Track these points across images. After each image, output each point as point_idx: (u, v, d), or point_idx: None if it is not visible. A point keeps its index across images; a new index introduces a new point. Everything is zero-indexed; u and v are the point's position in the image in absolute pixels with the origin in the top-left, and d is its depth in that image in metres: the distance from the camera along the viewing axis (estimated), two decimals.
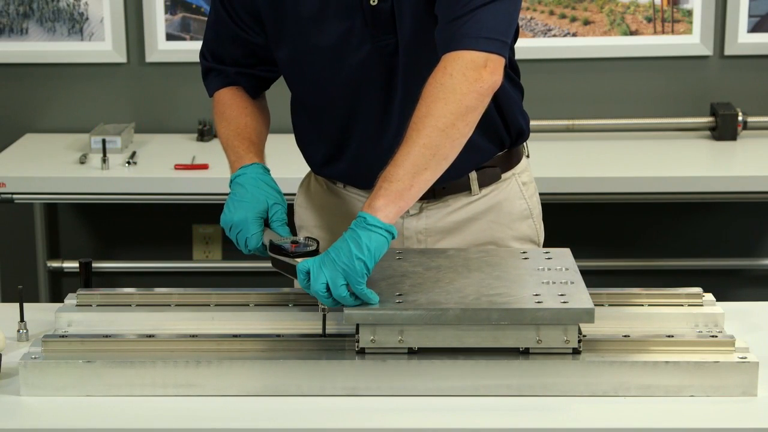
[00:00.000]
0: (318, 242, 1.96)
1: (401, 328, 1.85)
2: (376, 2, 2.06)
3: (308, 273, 1.87)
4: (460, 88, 1.93)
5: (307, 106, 2.24)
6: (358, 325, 1.86)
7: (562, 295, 1.89)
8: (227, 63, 2.23)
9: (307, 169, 2.35)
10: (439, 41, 2.00)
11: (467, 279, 1.97)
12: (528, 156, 2.38)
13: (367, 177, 2.10)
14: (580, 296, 1.90)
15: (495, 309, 1.85)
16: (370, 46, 2.09)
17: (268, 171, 2.13)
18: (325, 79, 2.15)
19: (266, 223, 2.06)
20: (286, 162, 2.59)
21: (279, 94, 2.38)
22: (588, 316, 1.85)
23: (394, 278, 1.97)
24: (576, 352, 1.86)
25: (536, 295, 1.89)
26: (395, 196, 1.89)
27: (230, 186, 2.11)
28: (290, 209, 2.32)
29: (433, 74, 1.96)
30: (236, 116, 2.21)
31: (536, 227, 2.32)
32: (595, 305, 2.03)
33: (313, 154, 2.28)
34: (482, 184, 2.25)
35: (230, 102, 2.23)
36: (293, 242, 1.96)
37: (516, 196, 2.30)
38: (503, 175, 2.28)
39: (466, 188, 2.24)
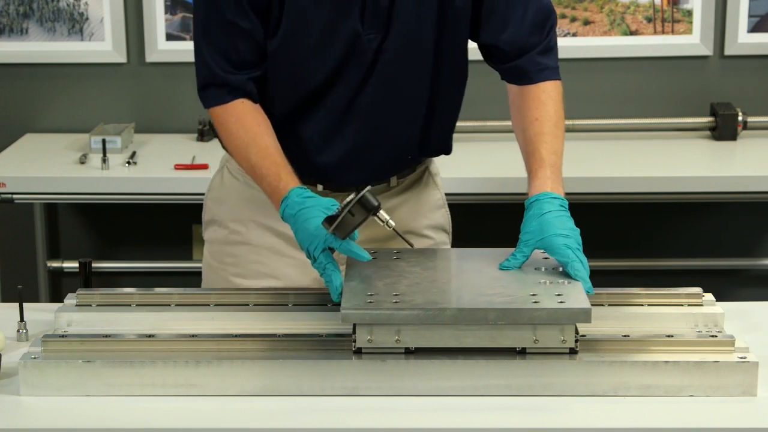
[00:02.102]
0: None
1: (398, 328, 1.85)
2: None
3: None
4: (563, 113, 2.29)
5: (273, 91, 2.20)
6: (355, 325, 1.86)
7: (559, 294, 1.89)
8: (240, 67, 2.16)
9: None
10: (520, 70, 2.23)
11: (464, 279, 1.97)
12: None
13: (308, 169, 2.18)
14: (577, 296, 1.90)
15: (492, 309, 1.85)
16: (357, 36, 2.11)
17: (305, 187, 2.08)
18: (307, 66, 2.15)
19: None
20: None
21: None
22: (585, 315, 1.85)
23: (392, 278, 1.97)
24: (573, 352, 1.86)
25: (533, 294, 1.89)
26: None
27: (285, 220, 2.05)
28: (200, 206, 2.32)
29: (539, 104, 2.25)
30: (254, 137, 2.14)
31: (448, 216, 2.41)
32: (595, 305, 2.04)
33: None
34: (399, 176, 2.31)
35: (243, 120, 2.16)
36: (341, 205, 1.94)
37: (431, 187, 2.37)
38: (418, 167, 2.34)
39: (384, 180, 2.29)
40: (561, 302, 1.87)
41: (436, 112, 2.23)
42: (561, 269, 2.00)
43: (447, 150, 2.34)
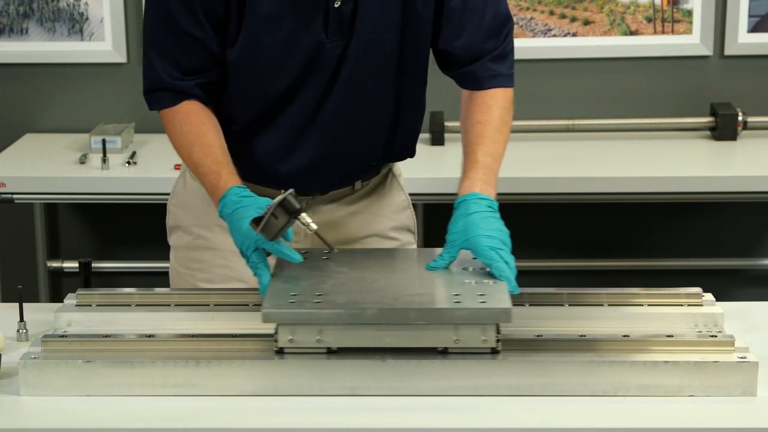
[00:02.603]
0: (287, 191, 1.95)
1: (320, 328, 1.85)
2: (338, 4, 2.09)
3: None
4: (509, 121, 2.23)
5: (235, 99, 2.20)
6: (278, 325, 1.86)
7: (482, 294, 1.89)
8: (189, 73, 2.15)
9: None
10: (471, 76, 2.20)
11: (392, 279, 1.97)
12: None
13: (270, 176, 2.20)
14: (500, 296, 1.89)
15: (413, 309, 1.85)
16: (320, 45, 2.11)
17: (244, 186, 2.08)
18: (269, 76, 2.15)
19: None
20: None
21: None
22: (505, 315, 1.85)
23: (318, 278, 1.97)
24: (495, 351, 1.86)
25: (456, 294, 1.89)
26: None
27: (223, 218, 2.06)
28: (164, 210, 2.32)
29: (484, 108, 2.19)
30: (198, 135, 2.15)
31: (413, 217, 2.41)
32: (595, 305, 2.04)
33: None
34: (363, 180, 2.31)
35: (188, 118, 2.16)
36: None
37: (395, 189, 2.38)
38: (382, 170, 2.34)
39: (349, 184, 2.30)
40: (482, 302, 1.87)
41: (400, 119, 2.23)
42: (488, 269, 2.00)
43: (411, 154, 2.34)
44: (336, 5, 2.09)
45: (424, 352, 1.86)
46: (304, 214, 1.95)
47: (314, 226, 1.96)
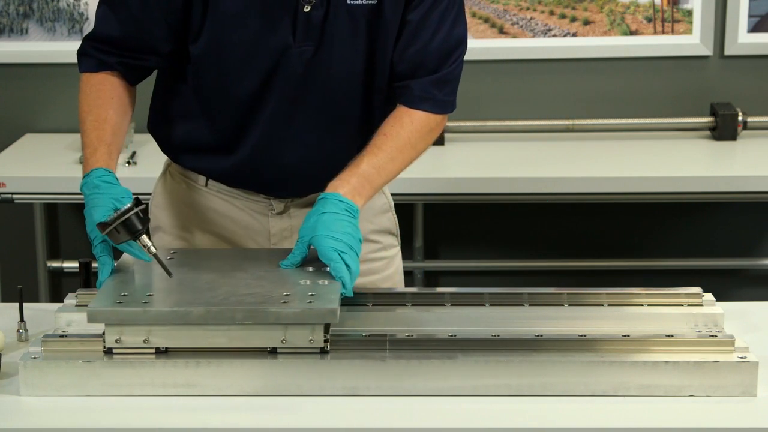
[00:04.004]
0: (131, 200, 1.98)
1: (148, 328, 1.85)
2: (308, 9, 2.09)
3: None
4: (419, 146, 2.18)
5: (207, 98, 2.21)
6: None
7: (312, 294, 1.89)
8: (121, 50, 2.15)
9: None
10: (406, 90, 2.17)
11: (229, 279, 1.96)
12: None
13: (250, 180, 2.22)
14: (329, 296, 1.89)
15: (240, 309, 1.85)
16: (287, 49, 2.11)
17: (110, 170, 2.08)
18: (235, 75, 2.15)
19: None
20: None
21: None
22: (331, 315, 1.85)
23: (153, 278, 1.97)
24: (324, 352, 1.86)
25: (287, 294, 1.89)
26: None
27: (82, 193, 2.06)
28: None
29: (397, 123, 2.15)
30: (99, 105, 2.15)
31: (394, 220, 2.40)
32: (595, 305, 2.04)
33: (191, 143, 2.27)
34: None
35: (100, 87, 2.16)
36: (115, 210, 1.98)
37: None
38: None
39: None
40: (310, 302, 1.87)
41: (373, 123, 2.21)
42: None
43: None
44: (306, 9, 2.09)
45: (424, 352, 1.86)
46: (144, 236, 1.96)
47: (153, 250, 1.97)
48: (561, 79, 3.94)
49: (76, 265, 2.14)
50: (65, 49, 3.92)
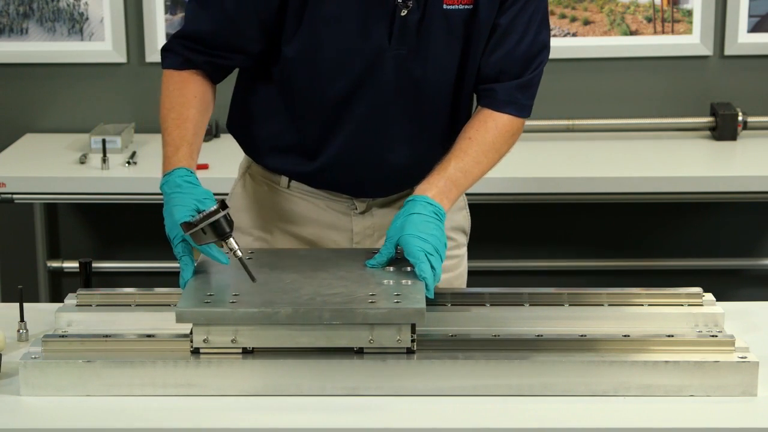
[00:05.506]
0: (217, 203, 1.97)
1: (235, 328, 1.85)
2: (405, 13, 2.08)
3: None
4: (502, 149, 2.19)
5: (295, 99, 2.20)
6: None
7: (397, 294, 1.89)
8: (210, 47, 2.14)
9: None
10: (490, 93, 2.18)
11: (310, 279, 1.97)
12: None
13: (335, 181, 2.21)
14: (415, 296, 1.89)
15: (327, 309, 1.85)
16: (382, 52, 2.11)
17: (192, 171, 2.08)
18: (328, 77, 2.14)
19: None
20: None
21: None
22: (419, 315, 1.85)
23: (237, 278, 1.96)
24: (410, 351, 1.86)
25: (372, 294, 1.89)
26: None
27: (162, 192, 2.06)
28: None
29: (482, 127, 2.16)
30: (182, 104, 2.14)
31: (468, 218, 2.40)
32: (595, 305, 2.04)
33: (275, 144, 2.26)
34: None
35: (183, 85, 2.15)
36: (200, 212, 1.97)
37: None
38: None
39: (408, 188, 2.27)
40: (397, 302, 1.87)
41: (458, 125, 2.20)
42: (409, 269, 1.99)
43: None
44: (403, 14, 2.08)
45: (424, 352, 1.87)
46: (231, 239, 1.96)
47: (240, 254, 1.96)
48: (561, 79, 3.93)
49: (76, 265, 2.15)
50: (65, 49, 3.92)
